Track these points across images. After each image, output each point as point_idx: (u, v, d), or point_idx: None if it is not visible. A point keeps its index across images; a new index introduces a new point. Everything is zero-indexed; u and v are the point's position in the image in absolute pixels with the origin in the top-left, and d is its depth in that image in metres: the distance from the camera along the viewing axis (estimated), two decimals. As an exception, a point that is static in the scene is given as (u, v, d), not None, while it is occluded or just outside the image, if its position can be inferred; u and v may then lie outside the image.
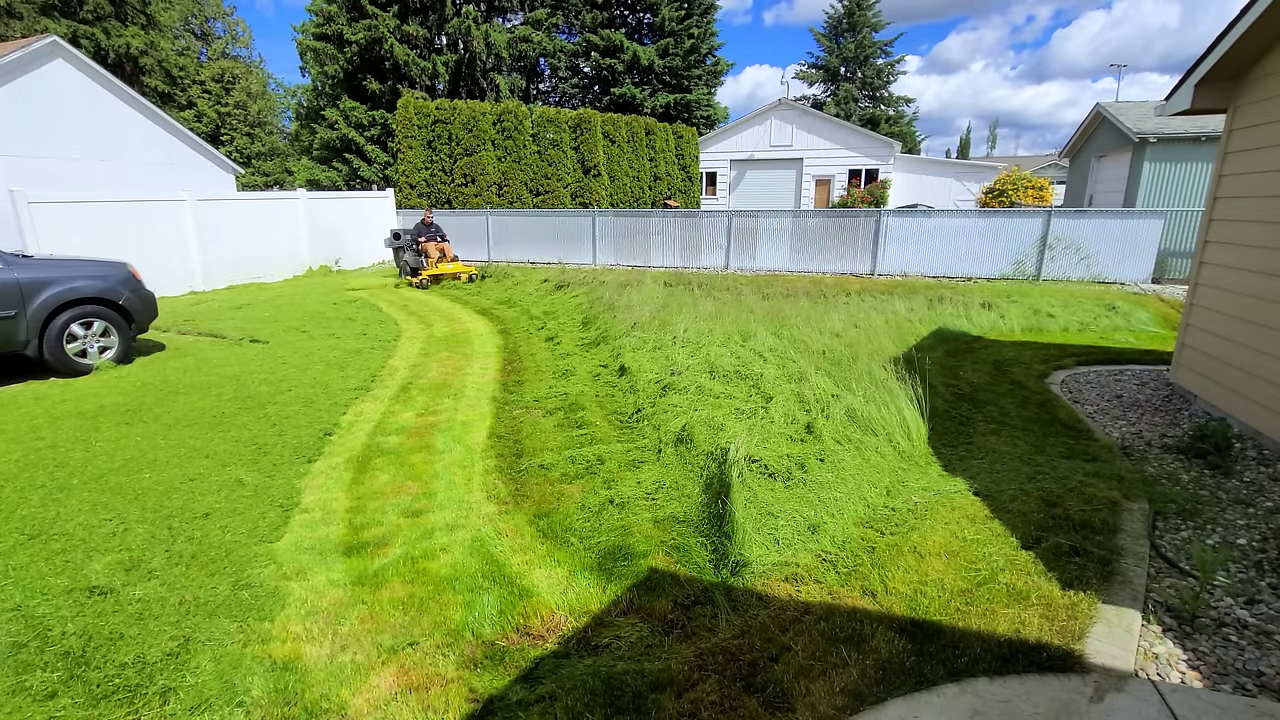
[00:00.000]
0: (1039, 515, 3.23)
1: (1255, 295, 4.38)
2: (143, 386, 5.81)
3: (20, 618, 2.64)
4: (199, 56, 32.74)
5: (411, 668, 2.39)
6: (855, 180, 23.64)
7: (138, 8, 26.84)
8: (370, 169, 22.54)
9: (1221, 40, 4.58)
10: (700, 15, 28.43)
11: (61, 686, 2.29)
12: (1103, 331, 8.14)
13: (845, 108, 36.29)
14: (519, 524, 3.44)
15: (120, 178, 14.20)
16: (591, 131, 17.20)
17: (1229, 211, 4.87)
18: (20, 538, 3.25)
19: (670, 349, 6.34)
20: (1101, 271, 11.18)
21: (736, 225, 13.76)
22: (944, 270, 12.18)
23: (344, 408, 5.26)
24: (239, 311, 9.57)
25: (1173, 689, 2.16)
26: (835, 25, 36.97)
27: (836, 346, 6.31)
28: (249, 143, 33.82)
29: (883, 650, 2.34)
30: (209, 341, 7.66)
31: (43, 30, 21.05)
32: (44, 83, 13.11)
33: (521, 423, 4.95)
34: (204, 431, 4.70)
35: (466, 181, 16.70)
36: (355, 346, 7.36)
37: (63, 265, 6.33)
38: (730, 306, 8.76)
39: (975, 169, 24.14)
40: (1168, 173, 14.03)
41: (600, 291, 10.14)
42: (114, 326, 6.46)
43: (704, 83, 29.69)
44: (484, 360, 6.82)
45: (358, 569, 3.04)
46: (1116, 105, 16.54)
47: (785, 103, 24.71)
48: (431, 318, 9.19)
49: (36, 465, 4.10)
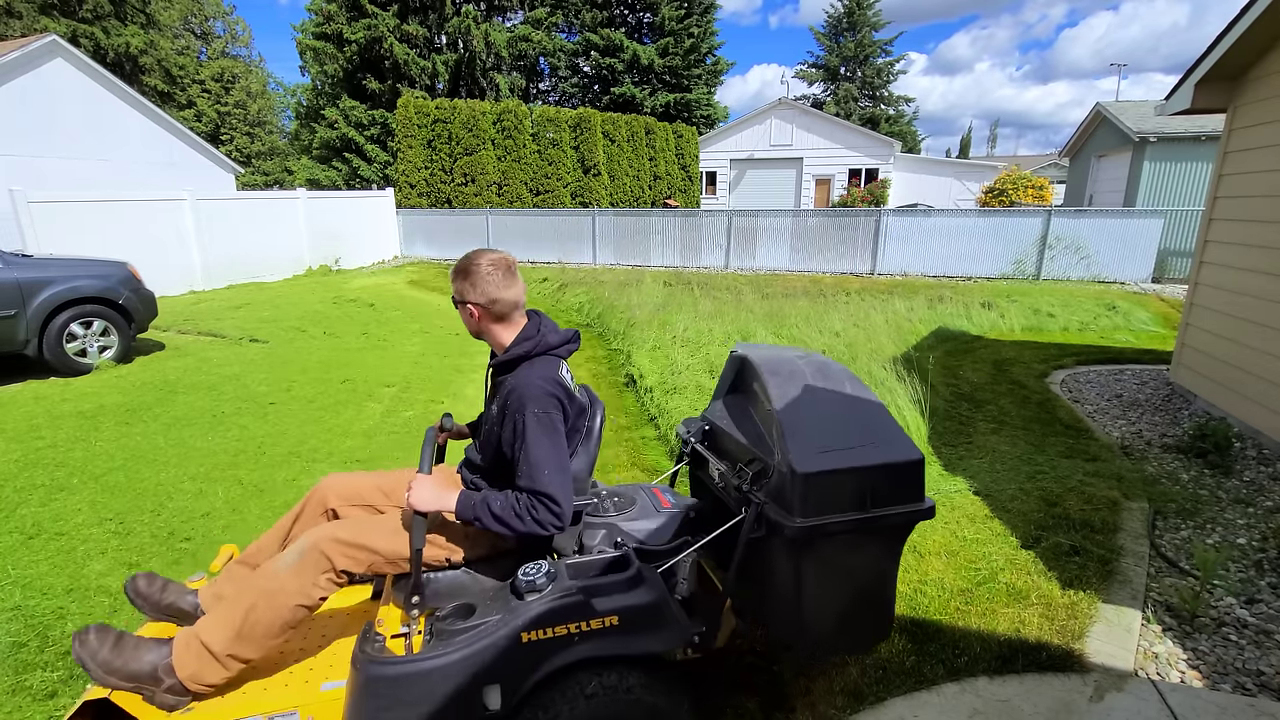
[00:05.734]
0: (1039, 515, 3.23)
1: (1255, 295, 4.38)
2: (142, 386, 5.81)
3: (20, 617, 2.64)
4: (199, 56, 32.71)
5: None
6: (855, 180, 23.63)
7: (137, 7, 26.82)
8: (370, 168, 22.52)
9: (1221, 40, 4.58)
10: (700, 15, 28.39)
11: (61, 686, 2.29)
12: (1103, 331, 8.14)
13: (845, 107, 36.27)
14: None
15: (120, 177, 14.17)
16: (591, 131, 17.19)
17: (1229, 211, 4.87)
18: (20, 537, 3.25)
19: (670, 348, 6.34)
20: (1101, 271, 11.18)
21: (736, 225, 13.76)
22: (944, 270, 12.19)
23: (345, 407, 5.26)
24: (239, 311, 9.57)
25: (1172, 688, 2.16)
26: (835, 24, 36.93)
27: (836, 346, 6.31)
28: (249, 142, 33.80)
29: (882, 649, 2.34)
30: (209, 341, 7.66)
31: (42, 29, 21.04)
32: (43, 82, 13.09)
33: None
34: (204, 431, 4.70)
35: (466, 181, 16.69)
36: (356, 346, 7.36)
37: (62, 265, 6.32)
38: (730, 306, 8.76)
39: (975, 168, 24.13)
40: (1168, 172, 14.04)
41: (600, 291, 10.14)
42: (114, 326, 6.46)
43: (704, 82, 29.66)
44: (484, 359, 6.81)
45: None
46: (1117, 105, 16.55)
47: (785, 102, 24.71)
48: (432, 317, 9.18)
49: (36, 465, 4.10)
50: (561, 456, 1.72)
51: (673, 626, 1.69)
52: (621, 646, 1.60)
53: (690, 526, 2.02)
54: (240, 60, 34.85)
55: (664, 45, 27.77)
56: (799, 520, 1.65)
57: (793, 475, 1.67)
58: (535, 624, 1.54)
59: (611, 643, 1.59)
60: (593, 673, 1.58)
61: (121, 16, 26.28)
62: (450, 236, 16.21)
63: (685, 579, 1.87)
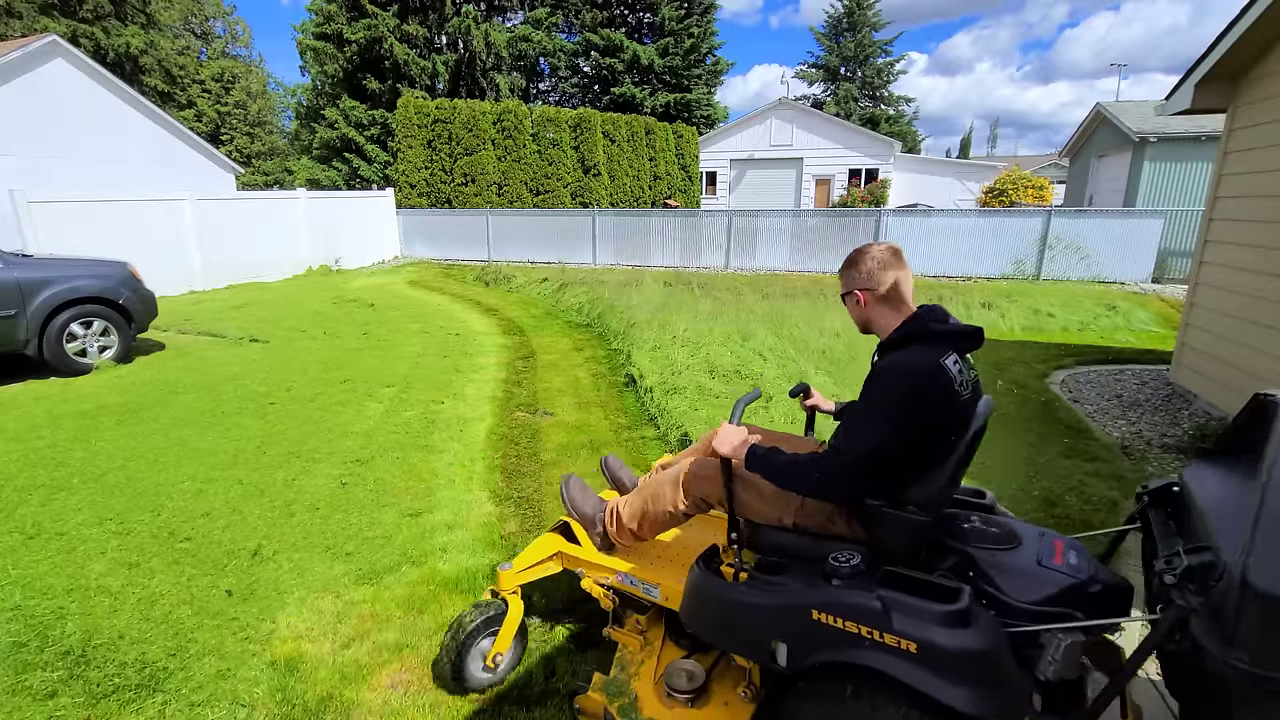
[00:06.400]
0: (1039, 515, 3.23)
1: (1255, 295, 4.39)
2: (142, 386, 5.81)
3: (20, 617, 2.64)
4: (199, 56, 32.71)
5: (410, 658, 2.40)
6: (855, 180, 23.63)
7: (138, 7, 26.84)
8: (370, 168, 22.52)
9: (1221, 40, 4.58)
10: (700, 15, 28.39)
11: (61, 686, 2.29)
12: (1103, 331, 8.14)
13: (845, 107, 36.26)
14: (518, 527, 3.45)
15: (120, 177, 14.17)
16: (591, 131, 17.19)
17: (1229, 211, 4.88)
18: (20, 537, 3.25)
19: (670, 348, 6.34)
20: (1101, 271, 11.18)
21: (736, 225, 13.76)
22: (944, 269, 12.19)
23: (345, 407, 5.26)
24: (239, 311, 9.57)
25: (1173, 689, 2.14)
26: (835, 24, 36.92)
27: (836, 346, 6.31)
28: (249, 142, 33.80)
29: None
30: (209, 341, 7.66)
31: (42, 29, 21.04)
32: (44, 82, 13.08)
33: (522, 423, 4.96)
34: (204, 431, 4.70)
35: (466, 181, 16.69)
36: (356, 346, 7.36)
37: (62, 264, 6.32)
38: (730, 306, 8.76)
39: (975, 168, 24.13)
40: (1168, 172, 14.04)
41: (600, 291, 10.14)
42: (114, 326, 6.46)
43: (704, 82, 29.66)
44: (484, 359, 6.82)
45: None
46: (1117, 105, 16.55)
47: (785, 102, 24.71)
48: (432, 317, 9.18)
49: (36, 465, 4.10)
50: (881, 431, 1.60)
51: (990, 691, 1.40)
52: (912, 678, 1.43)
53: (1088, 602, 1.54)
54: (240, 60, 34.86)
55: (664, 45, 27.76)
56: (1234, 657, 1.19)
57: (1244, 587, 1.19)
58: (826, 607, 1.53)
59: (902, 668, 1.44)
60: (882, 690, 1.48)
61: (121, 16, 26.29)
62: (450, 237, 16.20)
63: (1056, 660, 1.47)
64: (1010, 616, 1.50)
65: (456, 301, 10.66)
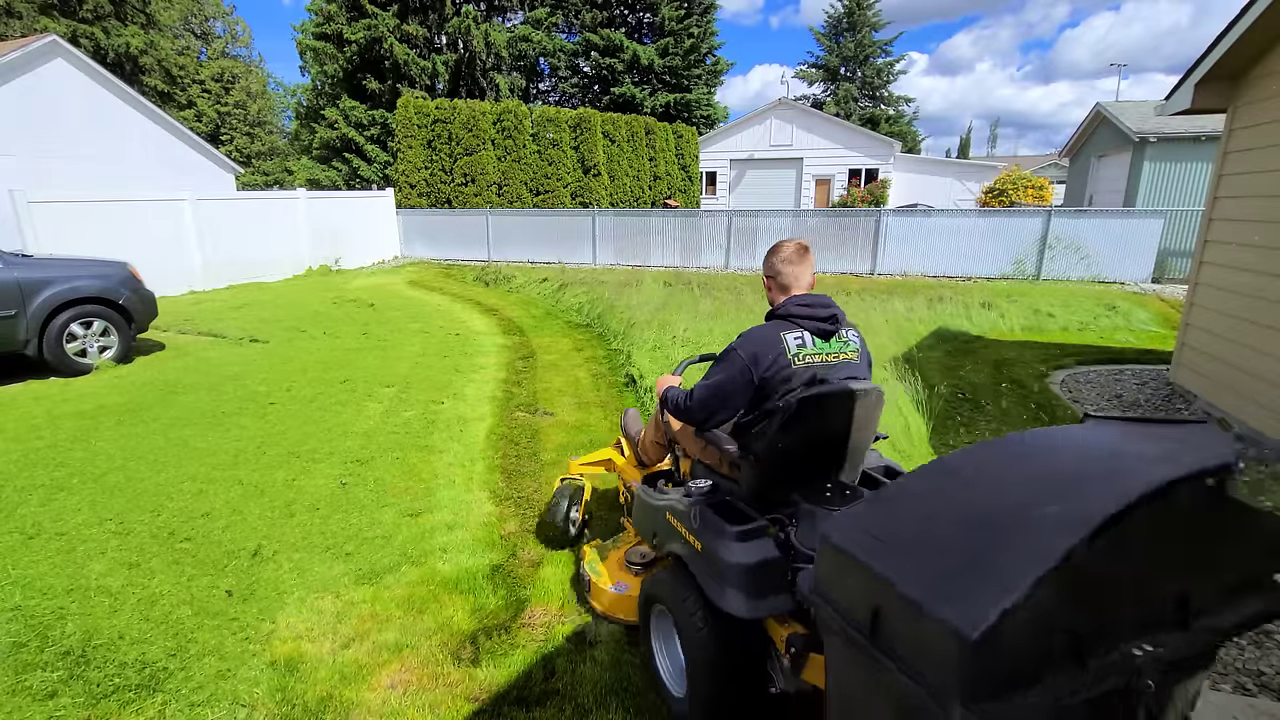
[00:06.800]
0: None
1: (1255, 295, 4.39)
2: (142, 386, 5.81)
3: (20, 618, 2.64)
4: (199, 56, 32.69)
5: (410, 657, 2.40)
6: (855, 180, 23.62)
7: (137, 7, 26.83)
8: (370, 168, 22.52)
9: (1221, 40, 4.58)
10: (700, 15, 28.37)
11: (61, 686, 2.29)
12: (1103, 331, 8.14)
13: (845, 107, 36.25)
14: (517, 527, 3.44)
15: (120, 177, 14.16)
16: (591, 131, 17.19)
17: (1229, 211, 4.88)
18: (20, 537, 3.25)
19: (670, 348, 6.34)
20: (1101, 271, 11.18)
21: (736, 225, 13.76)
22: (944, 270, 12.18)
23: (344, 407, 5.26)
24: (239, 311, 9.57)
25: (1173, 689, 2.14)
26: (835, 24, 36.91)
27: (836, 346, 6.30)
28: (249, 142, 33.80)
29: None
30: (209, 341, 7.66)
31: (42, 29, 21.04)
32: (43, 82, 13.08)
33: (521, 423, 4.96)
34: (204, 431, 4.70)
35: (466, 181, 16.69)
36: (356, 346, 7.36)
37: (62, 265, 6.32)
38: (730, 306, 8.77)
39: (975, 168, 24.12)
40: (1168, 172, 14.03)
41: (600, 291, 10.14)
42: (114, 326, 6.46)
43: (704, 82, 29.64)
44: (484, 359, 6.82)
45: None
46: (1117, 105, 16.55)
47: (785, 102, 24.70)
48: (432, 317, 9.18)
49: (36, 465, 4.10)
50: (720, 376, 2.02)
51: (746, 599, 1.75)
52: (696, 570, 1.94)
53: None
54: (240, 60, 34.85)
55: (664, 45, 27.75)
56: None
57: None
58: (673, 511, 2.12)
59: (693, 561, 1.96)
60: (686, 576, 2.02)
61: (121, 17, 26.29)
62: (450, 237, 16.20)
63: (803, 593, 1.64)
64: (798, 560, 1.83)
65: (456, 301, 10.66)
